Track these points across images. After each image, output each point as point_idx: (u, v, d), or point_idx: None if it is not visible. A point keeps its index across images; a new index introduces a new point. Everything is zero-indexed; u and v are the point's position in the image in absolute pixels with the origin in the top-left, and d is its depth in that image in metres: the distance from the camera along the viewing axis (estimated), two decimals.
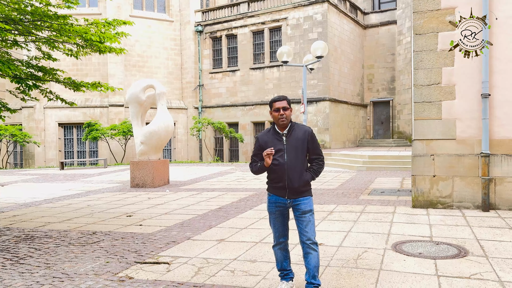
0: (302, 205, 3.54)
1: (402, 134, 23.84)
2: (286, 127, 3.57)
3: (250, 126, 23.60)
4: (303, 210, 3.53)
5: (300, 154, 3.55)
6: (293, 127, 3.59)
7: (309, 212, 3.55)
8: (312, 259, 3.47)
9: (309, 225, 3.53)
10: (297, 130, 3.58)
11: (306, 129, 3.62)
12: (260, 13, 22.89)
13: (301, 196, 3.55)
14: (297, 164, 3.52)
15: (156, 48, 24.61)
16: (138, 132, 11.86)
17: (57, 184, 13.07)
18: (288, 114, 3.54)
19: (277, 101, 3.57)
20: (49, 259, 4.84)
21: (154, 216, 7.28)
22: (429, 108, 7.23)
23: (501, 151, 6.88)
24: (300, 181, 3.51)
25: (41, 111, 23.04)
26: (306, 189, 3.58)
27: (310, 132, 3.61)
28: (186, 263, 4.53)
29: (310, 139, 3.59)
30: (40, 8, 6.60)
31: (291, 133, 3.56)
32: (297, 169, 3.51)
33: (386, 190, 9.50)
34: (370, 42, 25.46)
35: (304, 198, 3.56)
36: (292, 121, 3.63)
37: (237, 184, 11.78)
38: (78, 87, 7.71)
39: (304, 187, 3.55)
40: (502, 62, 6.82)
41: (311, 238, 3.50)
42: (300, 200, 3.54)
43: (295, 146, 3.53)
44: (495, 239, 5.18)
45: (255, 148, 3.68)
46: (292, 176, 3.50)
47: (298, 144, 3.54)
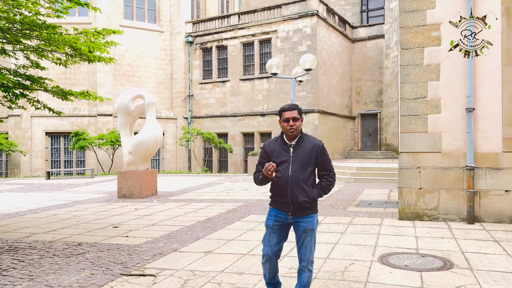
0: (305, 223, 3.35)
1: (389, 146, 24.08)
2: (295, 138, 3.37)
3: (240, 136, 23.62)
4: (305, 229, 3.35)
5: (306, 168, 3.32)
6: (303, 138, 3.37)
7: (311, 231, 3.36)
8: (304, 278, 3.40)
9: (309, 245, 3.36)
10: (306, 143, 3.35)
11: (316, 142, 3.38)
12: (250, 25, 23.10)
13: (305, 214, 3.34)
14: (301, 177, 3.29)
15: (146, 58, 24.61)
16: (126, 142, 11.79)
17: (43, 194, 12.88)
18: (298, 125, 3.34)
19: (286, 110, 3.35)
20: (33, 270, 4.76)
21: (140, 227, 7.21)
22: (415, 121, 7.35)
23: (485, 164, 7.00)
24: (304, 196, 3.28)
25: (28, 120, 22.77)
26: (312, 206, 3.35)
27: (320, 146, 3.36)
28: (173, 276, 4.49)
29: (320, 153, 3.34)
30: (29, 17, 6.59)
31: (299, 144, 3.35)
32: (301, 183, 3.29)
33: (373, 202, 9.57)
34: (358, 55, 25.82)
35: (308, 216, 3.35)
36: (303, 132, 3.45)
37: (225, 195, 11.74)
38: (66, 96, 7.67)
39: (310, 203, 3.32)
40: (486, 76, 6.97)
41: (309, 258, 3.37)
42: (303, 218, 3.35)
43: (302, 159, 3.31)
44: (479, 251, 5.25)
45: (261, 156, 3.49)
46: (296, 190, 3.28)
47: (305, 157, 3.32)
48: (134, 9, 24.85)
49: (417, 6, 7.32)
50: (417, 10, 7.33)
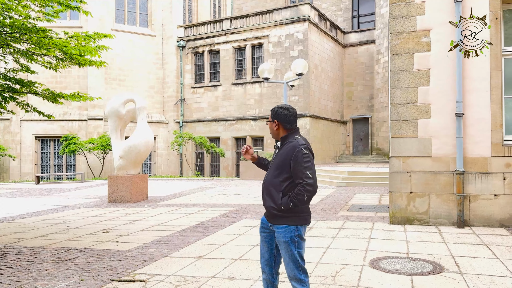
0: (277, 233, 3.08)
1: (380, 150, 24.23)
2: (278, 139, 3.23)
3: (232, 141, 23.61)
4: (278, 240, 3.08)
5: (279, 173, 3.06)
6: (286, 140, 3.14)
7: (283, 243, 3.03)
8: None
9: (286, 259, 3.05)
10: (287, 145, 3.09)
11: (295, 145, 3.04)
12: (243, 30, 23.16)
13: (277, 222, 3.07)
14: (272, 182, 3.09)
15: (137, 62, 24.53)
16: (117, 146, 11.71)
17: (32, 199, 12.73)
18: (270, 128, 3.24)
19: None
20: (21, 277, 4.69)
21: (131, 233, 7.15)
22: (406, 126, 7.40)
23: (475, 168, 7.07)
24: (271, 202, 3.06)
25: (17, 124, 22.54)
26: (281, 214, 3.03)
27: (296, 150, 3.00)
28: (163, 281, 4.46)
29: (294, 158, 2.99)
30: (19, 20, 6.53)
31: (282, 146, 3.15)
32: (271, 187, 3.09)
33: (364, 206, 9.60)
34: (350, 60, 26.02)
35: (280, 226, 3.06)
36: (296, 133, 3.18)
37: (217, 199, 11.71)
38: (56, 99, 7.61)
39: (278, 211, 3.03)
40: (475, 81, 7.05)
41: (290, 274, 3.06)
42: (275, 227, 3.09)
43: (276, 163, 3.11)
44: (469, 255, 5.29)
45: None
46: (266, 194, 3.13)
47: (279, 161, 3.09)
48: (126, 13, 24.80)
49: (407, 12, 7.40)
50: (407, 16, 7.41)
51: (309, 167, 2.98)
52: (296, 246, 3.03)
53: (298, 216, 3.05)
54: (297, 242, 3.04)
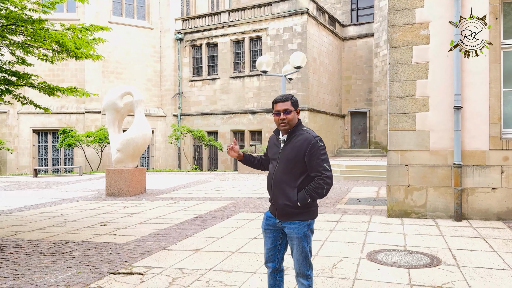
0: (288, 229, 2.97)
1: (378, 144, 24.25)
2: (287, 132, 3.01)
3: (230, 134, 23.57)
4: (289, 236, 2.99)
5: (292, 167, 2.92)
6: (295, 133, 2.97)
7: (296, 239, 2.94)
8: None
9: (296, 255, 2.97)
10: (298, 138, 2.93)
11: (308, 137, 2.90)
12: (241, 23, 23.04)
13: (290, 219, 2.95)
14: (284, 178, 2.94)
15: (135, 55, 24.40)
16: (114, 139, 11.67)
17: (30, 192, 12.71)
18: (291, 118, 2.95)
19: (278, 102, 2.98)
20: (18, 269, 4.68)
21: (129, 226, 7.15)
22: (404, 119, 7.39)
23: (472, 162, 7.07)
24: (285, 199, 2.93)
25: (14, 117, 22.45)
26: (297, 211, 2.92)
27: (311, 143, 2.87)
28: (161, 274, 4.46)
29: (309, 151, 2.86)
30: (15, 12, 6.46)
31: (290, 140, 2.96)
32: (284, 184, 2.94)
33: (362, 200, 9.62)
34: (348, 54, 25.94)
35: (293, 222, 2.95)
36: (302, 125, 3.02)
37: (215, 193, 11.71)
38: (53, 92, 7.56)
39: (293, 207, 2.92)
40: (474, 74, 7.02)
41: (298, 270, 2.98)
42: (287, 223, 2.97)
43: (287, 157, 2.93)
44: (466, 248, 5.30)
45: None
46: (277, 191, 2.97)
47: (291, 155, 2.92)
48: (123, 6, 24.61)
49: (406, 5, 7.36)
50: (406, 8, 7.36)
51: (326, 159, 2.91)
52: (308, 241, 2.99)
53: (310, 210, 2.99)
54: (309, 237, 3.00)
